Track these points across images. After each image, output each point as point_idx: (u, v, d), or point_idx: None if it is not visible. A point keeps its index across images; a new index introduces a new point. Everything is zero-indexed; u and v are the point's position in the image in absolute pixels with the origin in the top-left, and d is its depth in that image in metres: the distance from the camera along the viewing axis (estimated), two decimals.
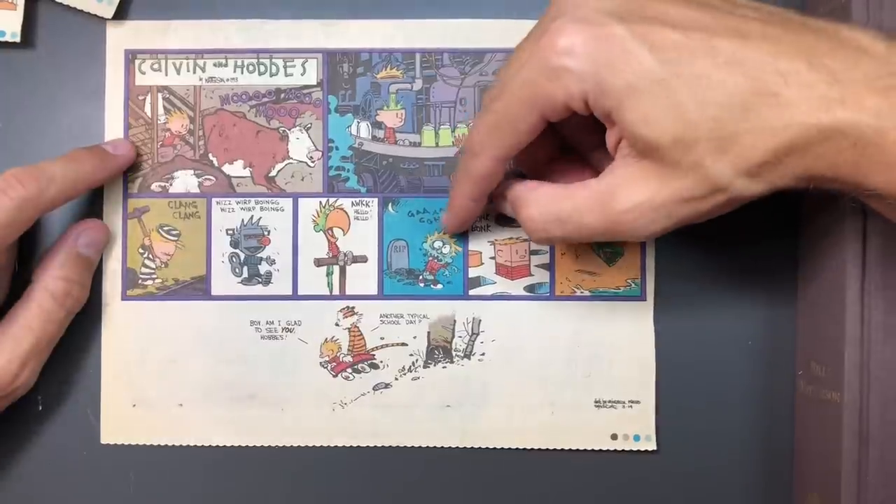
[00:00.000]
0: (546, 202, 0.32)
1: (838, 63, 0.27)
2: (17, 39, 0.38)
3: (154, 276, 0.38)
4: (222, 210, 0.39)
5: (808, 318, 0.37)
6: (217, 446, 0.38)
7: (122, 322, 0.38)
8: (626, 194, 0.30)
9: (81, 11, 0.38)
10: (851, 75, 0.26)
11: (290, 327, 0.38)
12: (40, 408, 0.38)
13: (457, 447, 0.38)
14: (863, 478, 0.33)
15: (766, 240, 0.38)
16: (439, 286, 0.38)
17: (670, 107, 0.28)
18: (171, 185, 0.39)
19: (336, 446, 0.38)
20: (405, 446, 0.38)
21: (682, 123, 0.28)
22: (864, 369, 0.33)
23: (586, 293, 0.38)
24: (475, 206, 0.35)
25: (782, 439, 0.38)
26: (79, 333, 0.37)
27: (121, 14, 0.38)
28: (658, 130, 0.28)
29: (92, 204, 0.38)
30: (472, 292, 0.38)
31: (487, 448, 0.38)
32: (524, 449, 0.38)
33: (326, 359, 0.38)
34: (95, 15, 0.38)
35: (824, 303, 0.35)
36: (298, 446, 0.38)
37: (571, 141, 0.35)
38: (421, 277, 0.38)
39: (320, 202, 0.38)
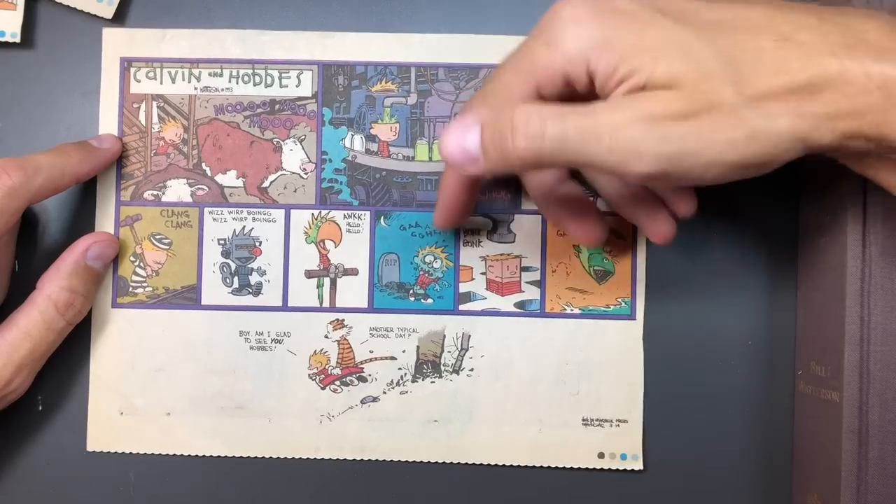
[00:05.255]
0: (545, 106, 0.29)
1: (847, 22, 0.27)
2: (17, 39, 0.38)
3: (145, 284, 0.38)
4: (214, 220, 0.39)
5: (808, 318, 0.37)
6: (204, 456, 0.38)
7: (111, 329, 0.38)
8: (642, 104, 0.27)
9: (81, 12, 0.38)
10: (864, 27, 0.27)
11: (279, 338, 0.38)
12: (40, 408, 0.38)
13: (443, 462, 0.38)
14: (863, 478, 0.33)
15: (766, 239, 0.38)
16: (430, 301, 0.38)
17: (681, 48, 0.27)
18: (163, 193, 0.39)
19: (323, 459, 0.38)
20: (392, 460, 0.38)
21: (694, 62, 0.27)
22: (863, 369, 0.33)
23: (576, 311, 0.38)
24: (464, 195, 0.34)
25: (782, 439, 0.38)
26: (69, 340, 0.37)
27: (119, 18, 0.38)
28: (671, 66, 0.27)
29: (84, 212, 0.38)
30: (462, 307, 0.38)
31: (474, 464, 0.38)
32: (511, 465, 0.38)
33: (315, 371, 0.38)
34: (95, 15, 0.38)
35: (824, 303, 0.35)
36: (285, 458, 0.38)
37: None
38: (411, 291, 0.38)
39: (312, 214, 0.38)
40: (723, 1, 0.28)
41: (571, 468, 0.38)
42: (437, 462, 0.38)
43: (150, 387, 0.38)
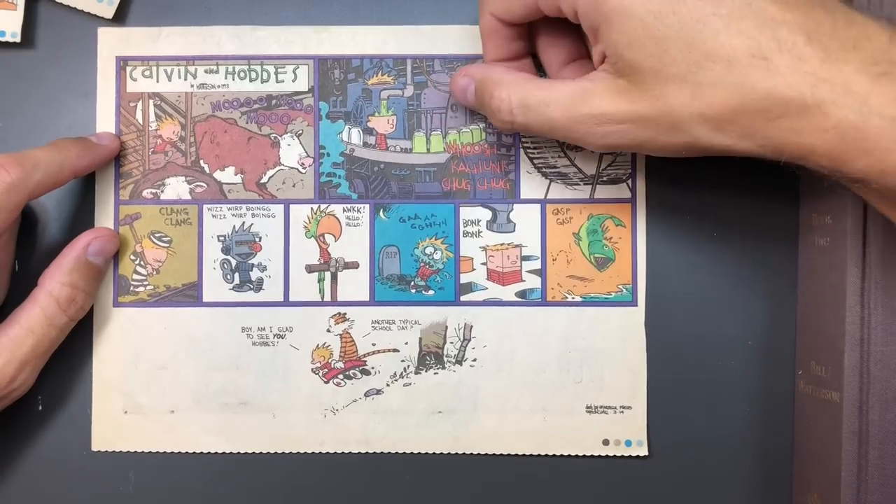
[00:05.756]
0: (520, 86, 0.33)
1: (837, 43, 0.27)
2: (17, 39, 0.38)
3: (146, 282, 0.38)
4: (214, 216, 0.39)
5: (808, 318, 0.37)
6: (208, 453, 0.38)
7: (113, 329, 0.38)
8: (595, 101, 0.31)
9: (81, 12, 0.38)
10: (847, 57, 0.26)
11: (281, 333, 0.38)
12: (40, 408, 0.38)
13: (448, 453, 0.38)
14: (863, 478, 0.33)
15: (766, 240, 0.38)
16: (431, 292, 0.38)
17: (656, 39, 0.28)
18: (162, 191, 0.39)
19: (327, 453, 0.38)
20: (397, 453, 0.38)
21: (663, 58, 0.28)
22: (863, 369, 0.33)
23: (578, 299, 0.38)
24: (505, 39, 0.36)
25: (782, 439, 0.38)
26: (70, 340, 0.37)
27: (119, 17, 0.38)
28: (639, 57, 0.29)
29: (84, 211, 0.38)
30: (463, 298, 0.38)
31: (479, 454, 0.38)
32: (516, 455, 0.38)
33: (318, 365, 0.38)
34: (95, 15, 0.38)
35: (824, 303, 0.35)
36: (290, 453, 0.38)
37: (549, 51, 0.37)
38: (412, 283, 0.38)
39: (312, 208, 0.39)
40: None
41: (576, 456, 0.38)
42: (442, 453, 0.38)
43: (154, 385, 0.38)
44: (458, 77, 0.36)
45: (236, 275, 0.38)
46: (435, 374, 0.38)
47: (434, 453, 0.38)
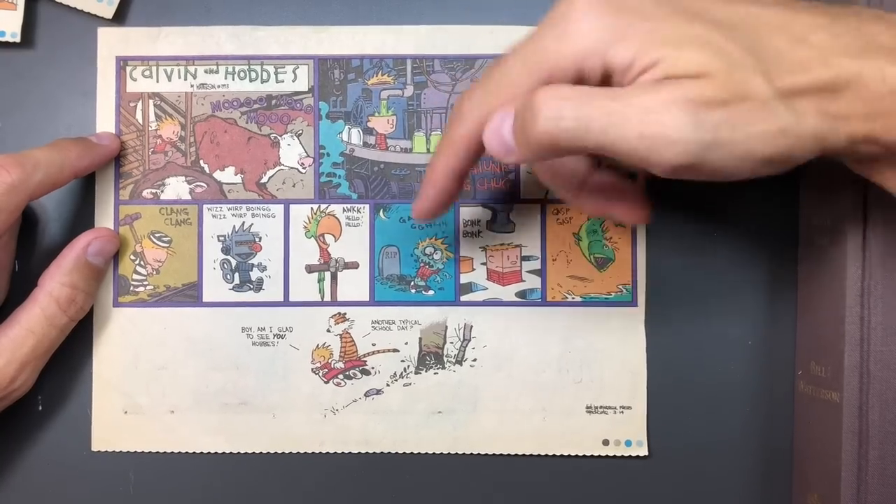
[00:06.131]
0: (567, 88, 0.28)
1: (861, 21, 0.27)
2: (17, 39, 0.38)
3: (146, 282, 0.38)
4: (214, 216, 0.39)
5: (808, 318, 0.37)
6: (208, 453, 0.38)
7: (113, 329, 0.38)
8: (662, 91, 0.26)
9: (81, 12, 0.38)
10: (875, 30, 0.27)
11: (281, 333, 0.38)
12: (40, 408, 0.38)
13: (448, 453, 0.38)
14: (863, 478, 0.33)
15: (766, 240, 0.38)
16: (431, 292, 0.38)
17: (703, 41, 0.26)
18: (162, 191, 0.39)
19: (327, 453, 0.38)
20: (397, 453, 0.38)
21: (720, 53, 0.26)
22: (863, 369, 0.33)
23: (577, 299, 0.38)
24: (452, 183, 0.32)
25: (782, 439, 0.38)
26: (70, 340, 0.37)
27: (118, 17, 0.38)
28: (699, 55, 0.26)
29: (84, 211, 0.38)
30: (463, 298, 0.38)
31: (479, 454, 0.38)
32: (516, 455, 0.38)
33: (318, 365, 0.38)
34: (95, 15, 0.38)
35: (824, 303, 0.35)
36: (290, 453, 0.38)
37: None
38: (412, 283, 0.38)
39: (311, 208, 0.39)
40: (732, 2, 0.28)
41: (576, 456, 0.38)
42: (442, 453, 0.38)
43: (154, 385, 0.38)
44: (492, 123, 0.29)
45: (236, 275, 0.38)
46: (435, 374, 0.38)
47: (434, 453, 0.38)
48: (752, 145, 0.26)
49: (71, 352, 0.38)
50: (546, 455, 0.38)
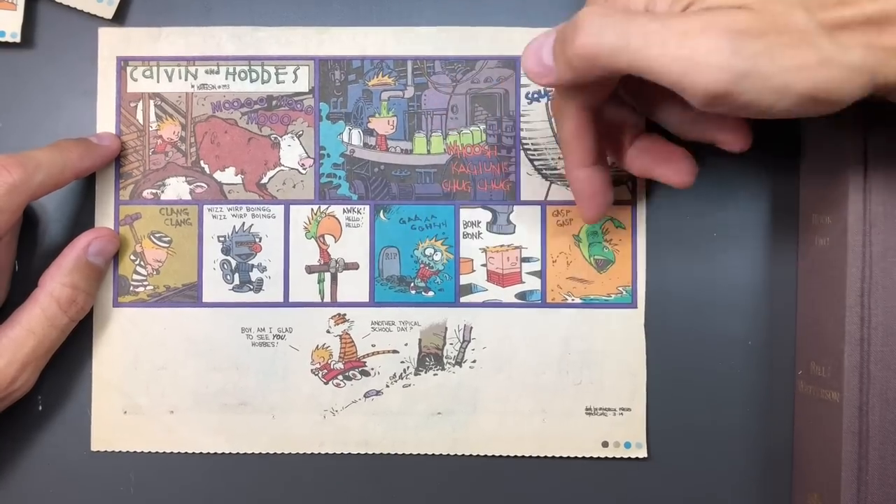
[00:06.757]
0: (610, 6, 0.29)
1: None
2: (17, 39, 0.38)
3: (146, 282, 0.38)
4: (214, 217, 0.39)
5: (808, 318, 0.37)
6: (208, 453, 0.38)
7: (113, 329, 0.38)
8: (701, 15, 0.26)
9: (81, 12, 0.38)
10: None
11: (281, 334, 0.38)
12: (40, 408, 0.38)
13: (448, 454, 0.38)
14: (863, 478, 0.33)
15: (766, 239, 0.38)
16: (431, 293, 0.38)
17: None
18: (162, 192, 0.39)
19: (327, 454, 0.38)
20: (396, 454, 0.38)
21: None
22: (863, 369, 0.33)
23: (577, 301, 0.38)
24: (592, 173, 0.33)
25: (782, 440, 0.38)
26: (70, 340, 0.37)
27: (118, 17, 0.38)
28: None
29: (84, 211, 0.38)
30: (463, 299, 0.38)
31: (478, 455, 0.38)
32: (515, 456, 0.38)
33: (317, 366, 0.38)
34: (95, 15, 0.38)
35: (824, 303, 0.35)
36: (289, 453, 0.38)
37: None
38: (412, 285, 0.38)
39: (312, 209, 0.39)
40: None
41: (576, 457, 0.38)
42: (441, 454, 0.38)
43: (154, 385, 0.38)
44: (532, 43, 0.30)
45: (236, 275, 0.39)
46: (434, 375, 0.38)
47: (433, 454, 0.38)
48: (790, 78, 0.26)
49: (71, 352, 0.38)
50: (545, 457, 0.38)
